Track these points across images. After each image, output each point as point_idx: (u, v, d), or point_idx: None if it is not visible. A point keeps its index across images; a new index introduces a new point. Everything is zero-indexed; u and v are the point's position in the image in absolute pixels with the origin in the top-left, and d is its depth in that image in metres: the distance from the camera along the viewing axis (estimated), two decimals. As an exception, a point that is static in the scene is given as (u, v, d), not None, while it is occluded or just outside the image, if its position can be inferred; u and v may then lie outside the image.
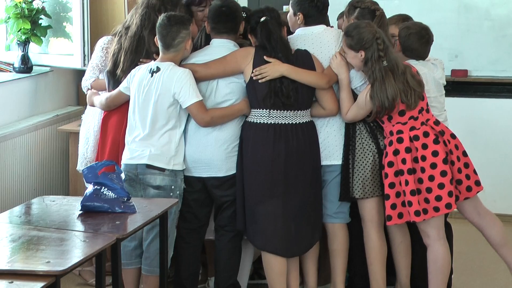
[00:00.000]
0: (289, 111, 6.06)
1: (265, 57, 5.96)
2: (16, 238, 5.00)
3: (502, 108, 7.65)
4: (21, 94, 7.54)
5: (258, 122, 6.11)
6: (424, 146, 5.96)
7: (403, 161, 5.96)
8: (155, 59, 6.18)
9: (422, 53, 6.40)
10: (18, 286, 4.30)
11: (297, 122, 6.11)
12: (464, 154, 6.15)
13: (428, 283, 6.19)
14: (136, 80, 6.11)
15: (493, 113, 7.11)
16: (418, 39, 6.35)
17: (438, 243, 6.08)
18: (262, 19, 6.05)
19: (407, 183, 5.94)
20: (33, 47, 7.60)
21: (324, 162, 6.25)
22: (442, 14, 7.41)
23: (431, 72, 6.37)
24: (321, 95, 6.13)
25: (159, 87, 6.02)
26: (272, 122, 6.08)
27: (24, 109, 7.52)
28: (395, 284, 6.46)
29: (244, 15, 6.51)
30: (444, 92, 6.54)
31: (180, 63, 6.12)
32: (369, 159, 6.17)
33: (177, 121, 6.10)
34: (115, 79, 6.38)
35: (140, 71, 6.14)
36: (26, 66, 7.52)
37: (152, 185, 6.07)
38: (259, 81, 5.96)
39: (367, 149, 6.16)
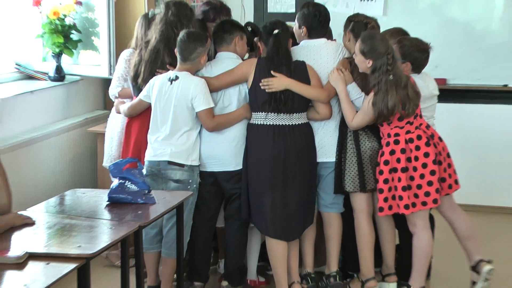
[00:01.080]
0: (285, 113, 6.09)
1: (272, 72, 6.00)
2: (52, 225, 5.04)
3: (478, 112, 7.67)
4: (55, 100, 7.55)
5: (259, 123, 6.15)
6: (417, 148, 5.98)
7: (398, 160, 5.98)
8: (168, 70, 6.28)
9: (421, 66, 6.41)
10: (53, 267, 4.34)
11: (294, 124, 6.13)
12: (448, 155, 6.19)
13: (412, 265, 6.22)
14: (156, 88, 6.15)
15: (469, 117, 7.15)
16: (420, 52, 6.37)
17: (423, 231, 6.12)
18: (275, 31, 6.07)
19: (399, 180, 5.96)
20: (65, 59, 7.59)
21: (320, 159, 6.27)
22: (425, 29, 7.42)
23: (426, 84, 6.38)
24: (316, 102, 6.17)
25: (178, 93, 6.06)
26: (271, 124, 6.11)
27: (57, 113, 7.53)
28: (381, 266, 6.50)
29: (250, 29, 6.61)
30: (436, 101, 6.55)
31: (195, 74, 6.17)
32: (359, 157, 6.20)
33: (194, 123, 6.13)
34: (136, 87, 6.46)
35: (159, 80, 6.17)
36: (59, 75, 7.53)
37: (173, 179, 6.11)
38: (266, 90, 6.02)
39: (358, 149, 6.19)
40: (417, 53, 6.35)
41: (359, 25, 6.31)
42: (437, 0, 8.57)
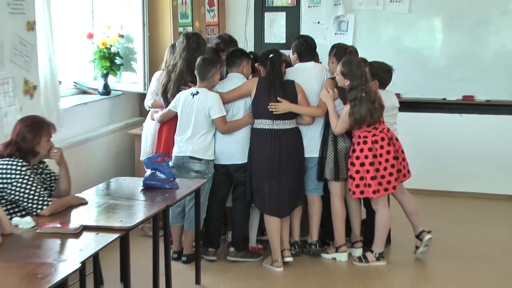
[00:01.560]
0: (279, 120, 6.11)
1: (278, 97, 6.05)
2: (100, 205, 5.09)
3: (424, 119, 7.69)
4: (103, 109, 7.55)
5: (260, 128, 6.17)
6: (381, 147, 6.02)
7: (366, 156, 6.01)
8: (190, 86, 6.28)
9: (386, 83, 6.48)
10: (102, 236, 4.39)
11: (287, 128, 6.14)
12: (402, 151, 6.21)
13: (374, 235, 6.29)
14: (181, 101, 6.18)
15: (418, 123, 7.17)
16: (385, 73, 6.44)
17: (384, 210, 6.20)
18: (271, 55, 6.12)
19: (368, 171, 6.00)
20: (111, 78, 7.58)
21: (307, 155, 6.28)
22: (385, 55, 7.35)
23: (389, 98, 6.42)
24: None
25: (198, 104, 6.10)
26: (269, 128, 6.13)
27: (104, 120, 7.53)
28: (351, 235, 6.51)
29: (252, 56, 6.61)
30: (397, 112, 6.59)
31: (212, 90, 6.19)
32: (336, 154, 6.21)
33: (210, 127, 6.16)
34: (166, 100, 6.48)
35: (184, 94, 6.20)
36: (106, 90, 7.53)
37: (193, 170, 6.15)
38: (273, 112, 6.08)
39: (335, 147, 6.20)
40: (383, 73, 6.43)
41: (340, 50, 6.33)
42: (393, 34, 8.58)
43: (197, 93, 6.16)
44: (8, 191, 4.76)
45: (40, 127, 4.99)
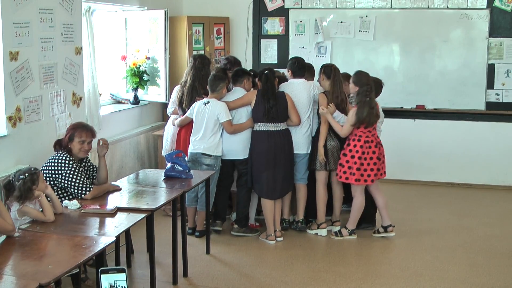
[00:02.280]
0: (273, 123, 6.11)
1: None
2: (131, 191, 5.11)
3: (387, 124, 7.62)
4: (133, 116, 7.54)
5: (259, 130, 6.15)
6: (369, 147, 6.02)
7: (357, 151, 6.01)
8: (203, 97, 6.30)
9: (377, 94, 6.31)
10: (132, 216, 4.43)
11: (279, 129, 6.14)
12: (383, 156, 6.20)
13: (350, 215, 6.31)
14: (196, 109, 6.18)
15: (382, 127, 7.14)
16: (377, 85, 6.29)
17: (360, 196, 6.18)
18: (265, 72, 6.14)
19: (355, 163, 6.00)
20: (139, 91, 7.58)
21: (295, 151, 6.27)
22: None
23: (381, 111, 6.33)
24: (291, 115, 6.17)
25: (209, 111, 6.09)
26: (266, 130, 6.11)
27: (134, 124, 7.52)
28: (331, 215, 6.50)
29: (252, 73, 6.61)
30: (383, 120, 6.50)
31: (220, 100, 6.19)
32: (326, 149, 6.21)
33: (218, 130, 6.13)
34: (182, 109, 6.50)
35: (198, 104, 6.19)
36: (136, 101, 7.53)
37: (204, 163, 6.13)
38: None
39: (325, 144, 6.22)
40: (375, 85, 6.22)
41: (327, 68, 6.30)
42: (362, 57, 8.57)
43: (208, 102, 6.15)
44: (59, 179, 4.80)
45: (81, 127, 5.06)
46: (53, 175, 4.78)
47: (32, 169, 4.29)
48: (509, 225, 6.81)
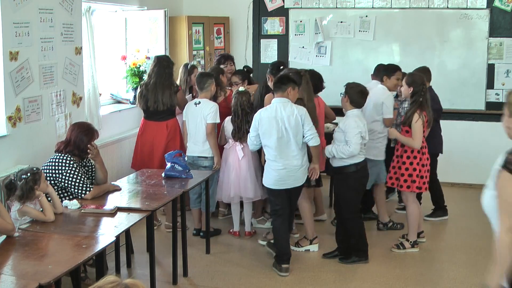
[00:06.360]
0: None
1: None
2: (131, 190, 5.11)
3: None
4: (133, 115, 7.48)
5: None
6: (424, 153, 5.81)
7: (414, 157, 5.73)
8: (194, 97, 6.27)
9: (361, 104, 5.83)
10: (132, 215, 4.42)
11: None
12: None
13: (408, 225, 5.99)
14: (187, 110, 6.17)
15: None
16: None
17: (413, 203, 5.87)
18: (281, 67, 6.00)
19: (414, 170, 5.72)
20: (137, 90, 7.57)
21: None
22: (355, 73, 7.29)
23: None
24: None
25: (201, 112, 6.05)
26: None
27: (134, 123, 7.41)
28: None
29: (245, 69, 6.59)
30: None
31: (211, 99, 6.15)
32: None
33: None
34: (147, 107, 6.50)
35: (189, 105, 6.18)
36: (135, 100, 7.45)
37: (202, 165, 6.11)
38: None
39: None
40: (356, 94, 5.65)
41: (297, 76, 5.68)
42: (361, 56, 8.57)
43: (199, 103, 6.10)
44: (59, 179, 4.80)
45: (93, 132, 5.05)
46: (54, 175, 4.79)
47: (34, 169, 4.30)
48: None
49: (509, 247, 2.72)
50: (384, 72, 6.49)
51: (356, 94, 5.52)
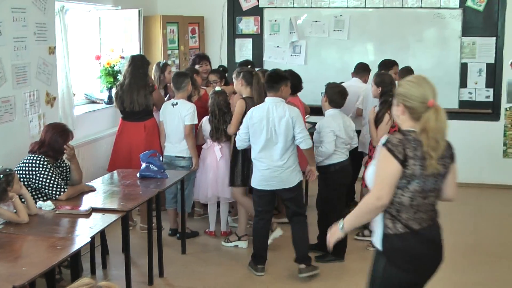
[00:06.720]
0: None
1: None
2: (106, 191, 5.10)
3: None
4: (107, 116, 7.43)
5: None
6: None
7: None
8: (171, 98, 6.25)
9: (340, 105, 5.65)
10: (107, 216, 4.41)
11: None
12: None
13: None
14: (164, 110, 6.15)
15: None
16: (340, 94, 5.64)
17: None
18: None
19: None
20: (113, 91, 7.44)
21: None
22: (329, 73, 7.34)
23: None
24: None
25: (178, 113, 6.03)
26: None
27: (108, 124, 7.38)
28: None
29: (221, 68, 6.57)
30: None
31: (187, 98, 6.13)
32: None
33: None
34: (123, 108, 6.48)
35: (165, 105, 6.17)
36: (110, 100, 7.37)
37: (179, 165, 6.09)
38: None
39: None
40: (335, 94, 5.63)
41: (248, 74, 5.79)
42: (336, 56, 8.63)
43: (176, 104, 6.07)
44: (33, 180, 4.76)
45: (68, 133, 5.01)
46: (27, 176, 4.75)
47: (7, 170, 4.26)
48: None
49: (370, 210, 3.13)
50: (381, 67, 6.68)
51: (335, 94, 5.54)
